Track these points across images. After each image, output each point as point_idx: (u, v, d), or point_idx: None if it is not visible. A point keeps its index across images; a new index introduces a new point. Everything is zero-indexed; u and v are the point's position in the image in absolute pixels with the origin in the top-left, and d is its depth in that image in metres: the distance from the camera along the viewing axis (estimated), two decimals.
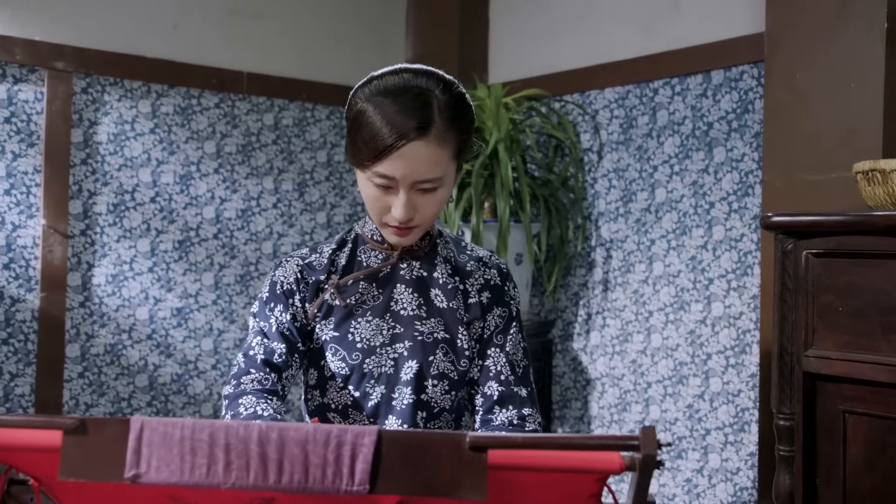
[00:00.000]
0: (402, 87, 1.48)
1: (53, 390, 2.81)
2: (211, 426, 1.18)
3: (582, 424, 3.02)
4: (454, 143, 1.49)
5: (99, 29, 2.89)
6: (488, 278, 1.64)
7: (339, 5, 3.40)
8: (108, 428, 1.19)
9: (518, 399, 1.60)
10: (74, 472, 1.21)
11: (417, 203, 1.50)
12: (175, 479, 1.18)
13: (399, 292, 1.62)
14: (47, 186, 2.79)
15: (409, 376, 1.58)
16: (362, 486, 1.15)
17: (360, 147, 1.50)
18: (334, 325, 1.60)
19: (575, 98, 3.07)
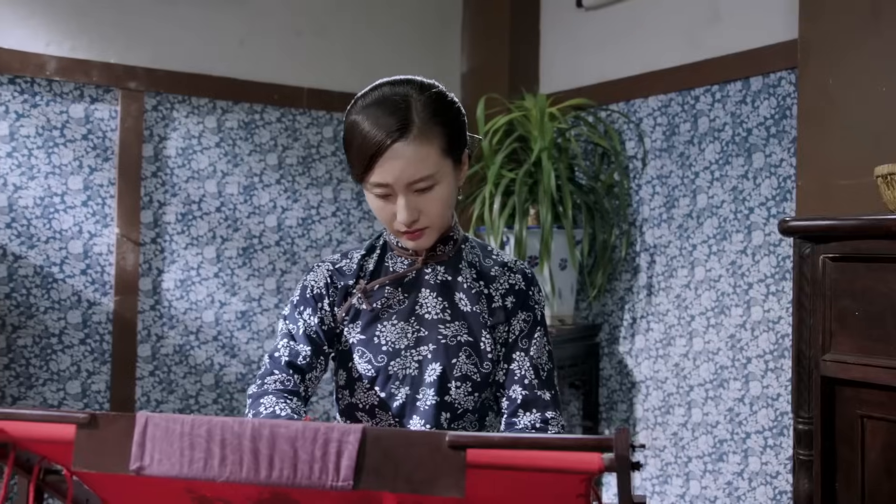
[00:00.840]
0: (382, 98, 1.50)
1: (127, 387, 2.91)
2: (208, 422, 1.21)
3: (627, 426, 2.97)
4: (440, 139, 1.48)
5: (168, 51, 2.98)
6: (513, 283, 1.63)
7: (396, 22, 3.44)
8: (116, 423, 1.23)
9: (542, 402, 1.59)
10: (86, 463, 1.26)
11: (418, 204, 1.50)
12: (175, 472, 1.22)
13: (424, 296, 1.62)
14: (121, 198, 2.89)
15: (432, 378, 1.58)
16: (347, 482, 1.17)
17: (353, 162, 1.52)
18: (361, 329, 1.62)
19: (620, 107, 3.03)
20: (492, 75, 3.37)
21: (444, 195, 1.52)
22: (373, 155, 1.45)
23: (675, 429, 2.82)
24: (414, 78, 1.54)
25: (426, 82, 1.53)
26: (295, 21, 3.23)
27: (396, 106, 1.47)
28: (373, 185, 1.50)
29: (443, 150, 1.49)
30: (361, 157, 1.48)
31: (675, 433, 2.82)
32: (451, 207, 1.59)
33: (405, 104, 1.47)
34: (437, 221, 1.55)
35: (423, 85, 1.53)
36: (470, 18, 3.51)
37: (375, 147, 1.45)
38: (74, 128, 2.84)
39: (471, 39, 3.50)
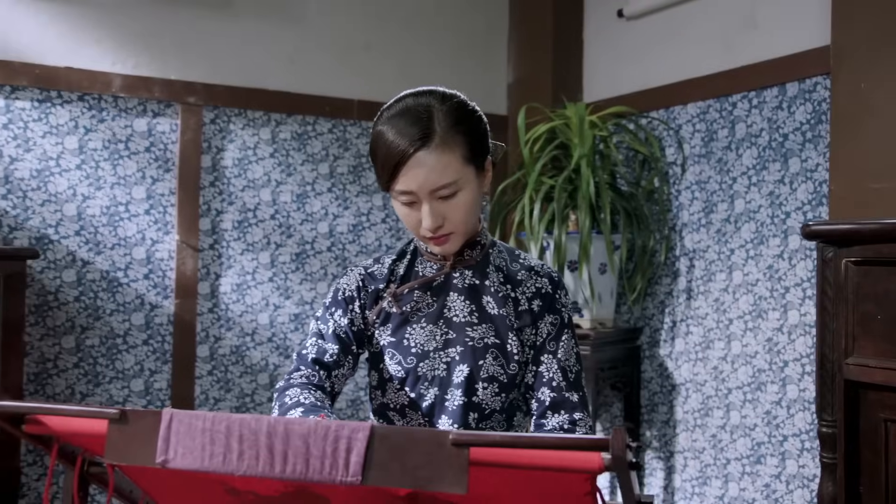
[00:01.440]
0: (405, 109, 1.53)
1: (186, 386, 3.00)
2: (228, 419, 1.25)
3: (668, 428, 2.94)
4: (461, 147, 1.50)
5: (224, 67, 3.06)
6: (539, 287, 1.63)
7: (442, 35, 3.47)
8: (144, 419, 1.28)
9: (570, 404, 1.59)
10: (117, 455, 1.31)
11: (442, 210, 1.52)
12: (196, 465, 1.26)
13: (452, 300, 1.64)
14: (181, 206, 2.98)
15: (460, 379, 1.59)
16: (355, 478, 1.20)
17: (379, 171, 1.55)
18: (391, 331, 1.64)
19: (660, 114, 3.01)
20: (536, 85, 3.37)
21: (468, 201, 1.54)
22: (397, 164, 1.48)
23: (713, 431, 2.78)
24: (436, 89, 1.56)
25: (448, 92, 1.55)
26: (345, 36, 3.28)
27: (419, 116, 1.49)
28: (398, 192, 1.52)
29: (464, 158, 1.51)
30: (386, 165, 1.50)
31: (713, 435, 2.78)
32: (475, 213, 1.60)
33: (427, 114, 1.49)
34: (462, 227, 1.56)
35: (445, 95, 1.55)
36: (515, 30, 3.52)
37: (399, 156, 1.48)
38: (138, 141, 2.94)
39: (516, 51, 3.51)
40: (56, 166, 2.82)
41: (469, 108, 1.56)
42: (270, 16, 3.15)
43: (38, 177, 2.80)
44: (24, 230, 2.77)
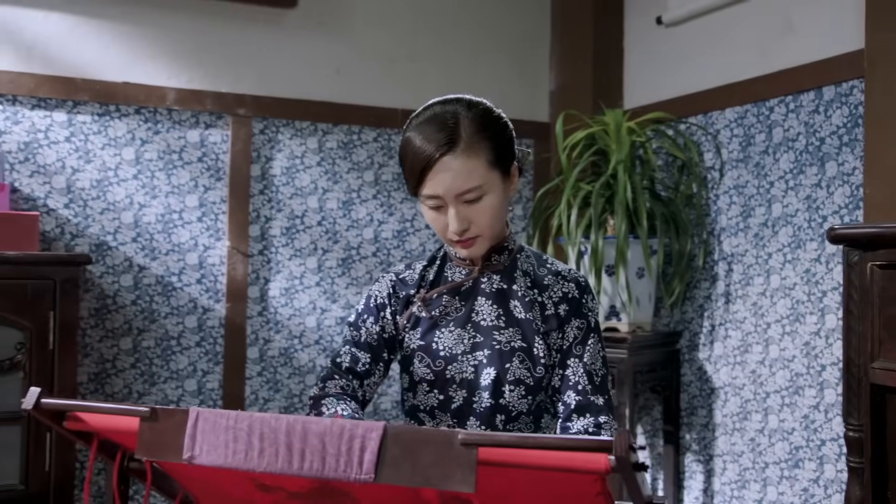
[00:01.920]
0: (432, 116, 1.55)
1: (237, 386, 3.06)
2: (249, 418, 1.28)
3: (707, 431, 2.90)
4: (486, 152, 1.51)
5: (273, 79, 3.13)
6: (566, 291, 1.63)
7: (485, 45, 3.48)
8: (173, 417, 1.32)
9: (595, 408, 1.59)
10: (147, 451, 1.35)
11: (468, 214, 1.53)
12: (220, 462, 1.29)
13: (480, 304, 1.65)
14: (231, 213, 3.05)
15: (487, 382, 1.60)
16: (368, 475, 1.22)
17: (407, 176, 1.57)
18: (421, 335, 1.66)
19: (699, 119, 2.97)
20: (577, 93, 3.36)
21: (493, 205, 1.55)
22: (423, 168, 1.50)
23: (752, 434, 2.73)
24: (463, 96, 1.58)
25: (474, 100, 1.57)
26: (389, 48, 3.32)
27: (445, 122, 1.51)
28: (425, 196, 1.54)
29: (490, 163, 1.52)
30: (414, 170, 1.53)
31: (752, 439, 2.74)
32: (501, 217, 1.61)
33: (454, 120, 1.51)
34: (488, 230, 1.57)
35: (472, 102, 1.57)
36: (557, 39, 3.51)
37: (426, 161, 1.50)
38: (191, 151, 3.01)
39: (558, 59, 3.50)
40: (114, 176, 2.91)
41: (494, 115, 1.58)
42: (317, 30, 3.20)
43: (97, 186, 2.89)
44: (85, 237, 2.87)
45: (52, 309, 2.30)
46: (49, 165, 2.83)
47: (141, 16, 2.94)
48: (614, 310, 2.82)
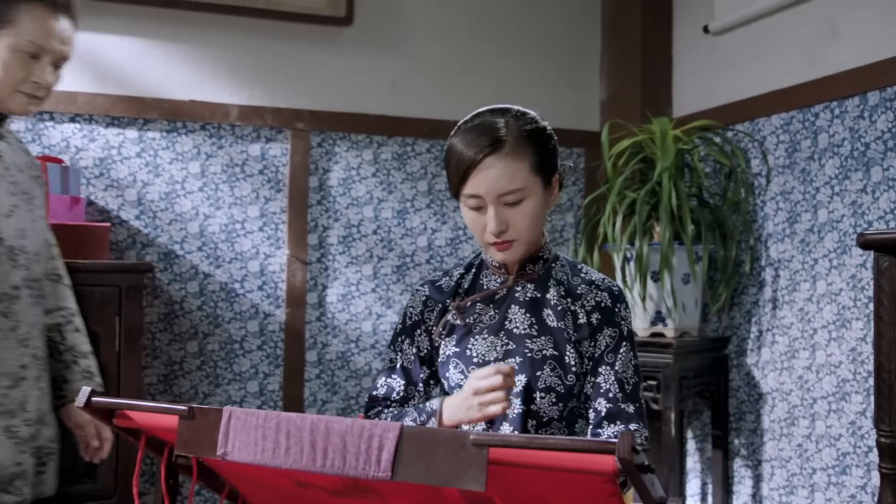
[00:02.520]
0: (480, 122, 1.58)
1: (296, 388, 3.14)
2: (277, 417, 1.33)
3: (755, 436, 2.85)
4: (530, 157, 1.53)
5: (330, 95, 3.20)
6: (599, 300, 1.63)
7: (537, 55, 3.50)
8: (208, 415, 1.38)
9: (626, 415, 1.58)
10: (185, 447, 1.41)
11: (507, 216, 1.54)
12: (250, 458, 1.34)
13: (513, 312, 1.65)
14: (290, 223, 3.13)
15: (518, 388, 1.60)
16: (385, 473, 1.25)
17: (451, 177, 1.59)
18: (456, 342, 1.67)
19: (746, 126, 2.93)
20: (627, 102, 3.35)
21: (532, 210, 1.56)
22: (468, 167, 1.52)
23: (799, 440, 2.68)
24: (511, 106, 1.60)
25: (522, 110, 1.59)
26: (442, 61, 3.36)
27: (492, 127, 1.53)
28: (466, 196, 1.56)
29: (533, 168, 1.54)
30: (457, 171, 1.55)
31: (799, 445, 2.68)
32: (538, 224, 1.61)
33: (499, 125, 1.53)
34: (525, 235, 1.58)
35: (519, 112, 1.59)
36: (607, 49, 3.51)
37: (470, 160, 1.52)
38: (252, 164, 3.11)
39: (608, 69, 3.50)
40: (181, 189, 3.03)
41: (540, 125, 1.59)
42: (372, 46, 3.27)
43: (165, 199, 3.01)
44: (154, 246, 2.99)
45: (118, 314, 2.40)
46: (121, 179, 2.96)
47: (205, 38, 3.05)
48: (660, 315, 2.80)
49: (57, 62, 1.78)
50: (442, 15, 3.38)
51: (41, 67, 1.75)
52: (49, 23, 1.74)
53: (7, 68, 1.72)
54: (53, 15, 1.75)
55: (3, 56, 1.72)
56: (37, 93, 1.77)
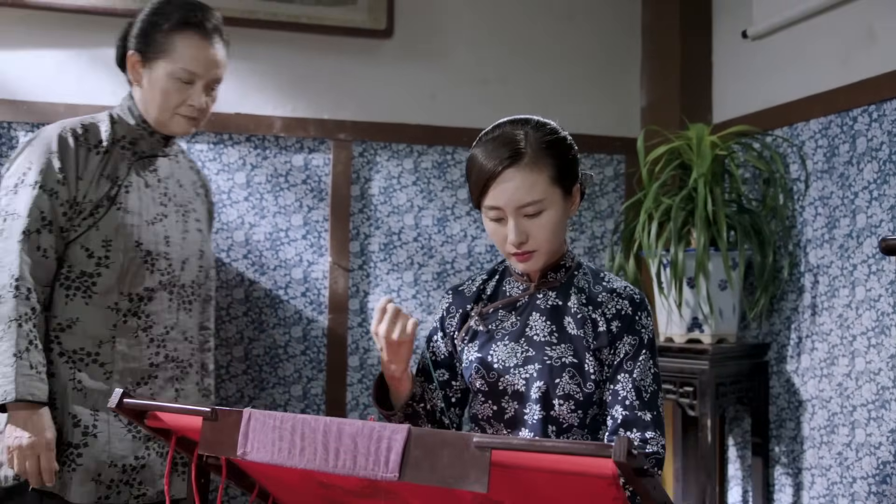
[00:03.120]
0: (500, 134, 1.60)
1: (339, 392, 3.19)
2: (293, 419, 1.38)
3: (795, 444, 2.81)
4: (549, 169, 1.55)
5: (371, 105, 3.26)
6: (619, 308, 1.63)
7: (577, 63, 3.50)
8: (230, 417, 1.43)
9: (642, 423, 1.58)
10: (208, 448, 1.47)
11: (527, 228, 1.56)
12: (268, 458, 1.39)
13: (534, 319, 1.67)
14: (333, 231, 3.19)
15: (537, 395, 1.62)
16: (393, 474, 1.28)
17: (472, 188, 1.62)
18: (478, 348, 1.70)
19: (785, 131, 2.89)
20: (667, 108, 3.34)
21: (552, 221, 1.58)
22: (488, 179, 1.54)
23: (839, 448, 2.63)
24: (531, 117, 1.61)
25: (542, 121, 1.61)
26: (481, 71, 3.39)
27: (512, 138, 1.55)
28: (487, 208, 1.59)
29: (552, 179, 1.55)
30: (478, 182, 1.57)
31: (839, 453, 2.63)
32: (559, 234, 1.63)
33: (520, 137, 1.55)
34: (545, 245, 1.60)
35: (539, 123, 1.61)
36: (647, 57, 3.49)
37: (490, 172, 1.54)
38: (296, 174, 3.18)
39: (648, 76, 3.48)
40: (227, 199, 3.11)
41: (560, 136, 1.61)
42: (412, 58, 3.32)
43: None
44: None
45: None
46: None
47: (250, 52, 3.14)
48: (697, 322, 2.78)
49: (210, 84, 1.90)
50: (481, 26, 3.41)
51: (196, 91, 1.90)
52: (200, 50, 1.88)
53: (165, 94, 1.87)
54: (203, 42, 1.89)
55: (162, 83, 1.87)
56: (193, 115, 1.91)
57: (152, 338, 1.91)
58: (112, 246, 1.84)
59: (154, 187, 1.92)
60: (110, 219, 1.83)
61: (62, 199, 1.81)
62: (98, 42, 3.01)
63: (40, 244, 1.79)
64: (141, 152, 1.92)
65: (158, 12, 1.90)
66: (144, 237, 1.87)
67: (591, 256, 3.46)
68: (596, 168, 3.49)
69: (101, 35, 3.01)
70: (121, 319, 1.87)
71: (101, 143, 1.86)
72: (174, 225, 1.94)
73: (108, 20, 2.99)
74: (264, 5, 3.10)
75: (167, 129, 1.91)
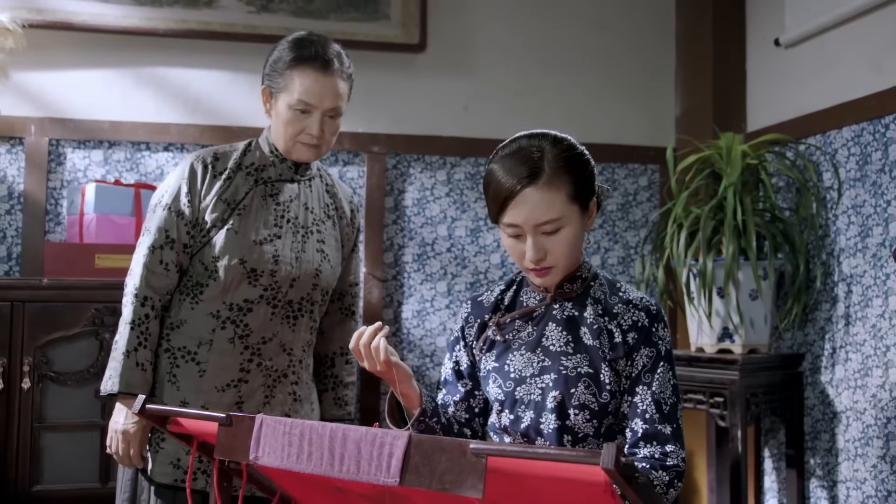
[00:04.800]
0: (518, 149, 1.59)
1: (373, 400, 3.24)
2: (302, 425, 1.42)
3: (830, 456, 2.76)
4: (567, 186, 1.54)
5: (405, 119, 3.31)
6: (636, 320, 1.62)
7: (610, 74, 3.51)
8: (243, 423, 1.48)
9: (662, 436, 1.57)
10: (223, 452, 1.51)
11: (545, 245, 1.56)
12: (277, 463, 1.43)
13: (550, 330, 1.66)
14: (367, 242, 3.25)
15: (552, 405, 1.62)
16: (394, 479, 1.31)
17: (489, 204, 1.62)
18: (495, 357, 1.70)
19: (817, 139, 2.85)
20: (700, 118, 3.32)
21: (570, 237, 1.58)
22: (505, 198, 1.54)
23: (874, 461, 2.57)
24: (548, 132, 1.61)
25: (559, 136, 1.60)
26: (514, 83, 3.42)
27: (530, 156, 1.55)
28: (505, 225, 1.59)
29: (569, 197, 1.55)
30: (496, 199, 1.57)
31: (874, 466, 2.58)
32: (577, 249, 1.62)
33: (538, 154, 1.54)
34: (563, 261, 1.60)
35: (556, 138, 1.60)
36: (680, 66, 3.48)
37: (508, 191, 1.54)
38: None
39: (682, 86, 3.47)
40: None
41: (577, 151, 1.60)
42: (445, 71, 3.36)
43: None
44: None
45: None
46: None
47: None
48: (727, 331, 2.75)
49: (327, 114, 2.04)
50: (512, 38, 3.43)
51: (314, 121, 2.02)
52: (314, 83, 2.02)
53: (286, 124, 2.03)
54: (317, 75, 2.02)
55: (283, 114, 2.03)
56: (312, 142, 2.04)
57: (247, 345, 2.06)
58: (219, 262, 2.03)
59: (271, 210, 2.07)
60: (220, 238, 2.03)
61: (186, 219, 2.03)
62: (141, 61, 3.12)
63: (163, 258, 2.02)
64: (266, 178, 2.09)
65: (281, 49, 2.08)
66: (249, 255, 2.03)
67: (624, 266, 3.45)
68: (630, 178, 3.49)
69: (143, 54, 3.12)
70: (219, 325, 2.05)
71: (226, 170, 2.06)
72: (288, 245, 2.08)
73: (151, 40, 3.10)
74: (299, 22, 3.17)
75: (292, 156, 2.07)
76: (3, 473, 2.55)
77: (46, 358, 2.62)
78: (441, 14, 3.35)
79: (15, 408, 2.56)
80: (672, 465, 1.56)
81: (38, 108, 3.04)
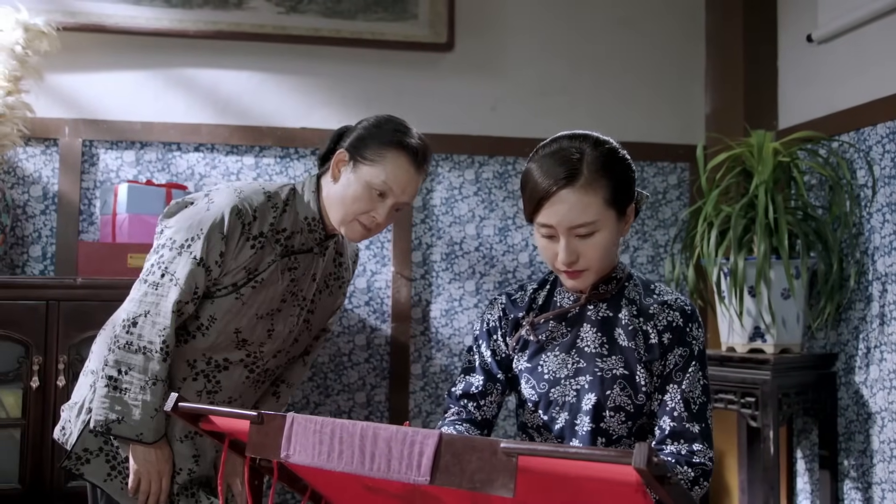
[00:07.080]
0: (557, 149, 1.57)
1: (401, 399, 3.24)
2: (332, 423, 1.43)
3: (865, 458, 2.72)
4: (604, 191, 1.53)
5: (433, 118, 3.31)
6: (671, 320, 1.62)
7: (640, 72, 3.48)
8: (274, 421, 1.49)
9: (690, 435, 1.57)
10: (255, 450, 1.53)
11: (578, 247, 1.55)
12: (308, 461, 1.44)
13: (585, 331, 1.66)
14: (395, 241, 3.25)
15: (588, 407, 1.62)
16: (425, 478, 1.32)
17: (525, 203, 1.61)
18: (528, 358, 1.70)
19: (851, 136, 2.82)
20: (730, 116, 3.29)
21: (604, 242, 1.56)
22: (541, 198, 1.54)
23: None
24: (591, 133, 1.59)
25: (601, 138, 1.59)
26: (541, 82, 3.41)
27: (569, 157, 1.54)
28: (539, 225, 1.58)
29: (606, 201, 1.54)
30: (532, 198, 1.56)
31: None
32: (610, 254, 1.61)
33: (578, 156, 1.53)
34: (595, 265, 1.59)
35: (598, 140, 1.58)
36: (711, 64, 3.45)
37: (544, 192, 1.53)
38: None
39: (712, 83, 3.44)
40: None
41: (619, 156, 1.58)
42: (473, 70, 3.36)
43: None
44: None
45: None
46: None
47: (315, 69, 3.23)
48: (759, 331, 2.72)
49: (398, 206, 1.94)
50: (540, 37, 3.42)
51: (385, 207, 1.91)
52: (404, 171, 1.92)
53: (355, 199, 1.90)
54: (409, 165, 1.93)
55: (356, 188, 1.89)
56: (370, 226, 1.93)
57: (212, 402, 2.02)
58: (214, 323, 1.96)
59: (284, 285, 1.99)
60: (226, 302, 1.94)
61: (213, 276, 1.93)
62: (172, 63, 3.15)
63: (184, 311, 1.92)
64: (290, 246, 1.97)
65: (380, 126, 1.97)
66: (245, 326, 1.97)
67: (653, 265, 3.42)
68: (659, 176, 3.46)
69: (174, 56, 3.15)
70: (192, 376, 1.99)
71: (260, 236, 1.93)
72: (285, 319, 2.02)
73: (181, 41, 3.14)
74: (328, 23, 3.19)
75: (342, 230, 1.95)
76: (40, 471, 2.60)
77: (81, 356, 2.65)
78: (469, 13, 3.35)
79: (51, 405, 2.60)
80: (698, 463, 1.55)
81: (72, 110, 3.09)
